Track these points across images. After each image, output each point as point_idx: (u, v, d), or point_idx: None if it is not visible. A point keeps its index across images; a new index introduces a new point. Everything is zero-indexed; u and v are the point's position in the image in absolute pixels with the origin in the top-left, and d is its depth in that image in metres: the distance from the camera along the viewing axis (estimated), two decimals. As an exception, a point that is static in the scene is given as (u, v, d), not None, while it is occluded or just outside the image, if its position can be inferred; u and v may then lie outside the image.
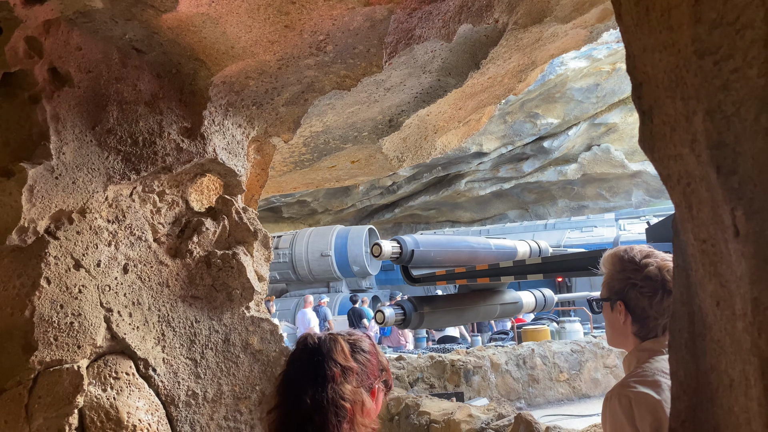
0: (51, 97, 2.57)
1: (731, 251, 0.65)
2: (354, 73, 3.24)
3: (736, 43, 0.63)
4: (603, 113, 21.22)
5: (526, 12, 3.86)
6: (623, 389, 1.72)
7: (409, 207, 24.87)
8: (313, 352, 1.50)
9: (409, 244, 6.50)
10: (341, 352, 1.49)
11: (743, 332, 0.64)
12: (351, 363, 1.49)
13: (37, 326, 2.45)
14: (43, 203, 2.50)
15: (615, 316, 1.86)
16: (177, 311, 2.86)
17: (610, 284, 1.88)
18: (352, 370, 1.48)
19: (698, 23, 0.66)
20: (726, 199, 0.64)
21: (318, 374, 1.45)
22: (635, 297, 1.81)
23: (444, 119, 5.25)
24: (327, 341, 1.52)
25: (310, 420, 1.41)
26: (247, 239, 3.15)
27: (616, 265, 1.88)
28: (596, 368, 10.66)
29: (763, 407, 0.62)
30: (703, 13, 0.65)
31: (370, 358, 1.56)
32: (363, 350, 1.56)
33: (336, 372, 1.45)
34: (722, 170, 0.64)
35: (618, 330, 1.87)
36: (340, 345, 1.51)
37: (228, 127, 3.13)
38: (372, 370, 1.55)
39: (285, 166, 5.33)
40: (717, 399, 0.73)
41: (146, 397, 2.67)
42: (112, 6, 2.54)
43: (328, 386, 1.43)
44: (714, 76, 0.65)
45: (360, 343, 1.57)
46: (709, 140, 0.65)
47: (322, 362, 1.46)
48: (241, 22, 2.68)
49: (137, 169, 2.77)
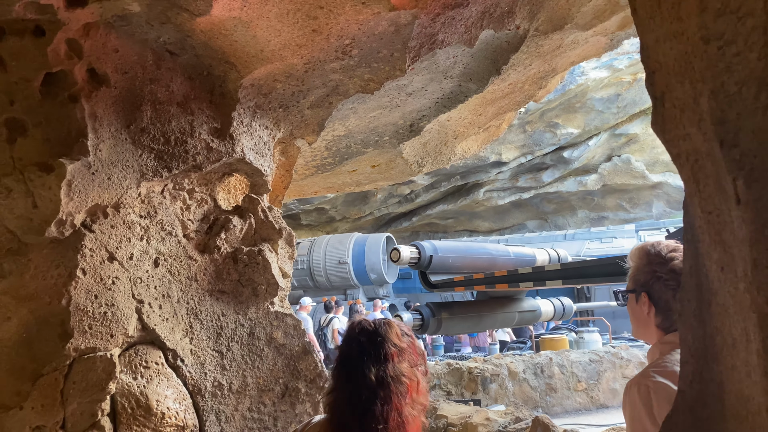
0: (89, 97, 2.69)
1: (733, 218, 0.72)
2: (378, 77, 3.33)
3: (738, 29, 0.70)
4: (624, 124, 21.11)
5: (547, 19, 3.93)
6: (643, 379, 1.77)
7: (427, 216, 24.88)
8: (373, 334, 1.61)
9: (428, 249, 6.56)
10: (396, 334, 1.61)
11: (744, 292, 0.70)
12: (404, 344, 1.60)
13: (73, 315, 2.57)
14: (80, 198, 2.62)
15: (639, 308, 1.91)
16: (204, 305, 2.96)
17: (636, 277, 1.93)
18: (405, 351, 1.59)
19: (704, 12, 0.73)
20: (728, 170, 0.71)
21: (379, 353, 1.56)
22: (659, 289, 1.86)
23: (464, 125, 5.31)
24: (383, 324, 1.64)
25: (376, 395, 1.51)
26: (272, 237, 3.25)
27: (642, 258, 1.93)
28: (615, 378, 10.59)
29: (761, 358, 0.68)
30: (709, 3, 0.72)
31: (414, 342, 1.67)
32: (407, 334, 1.67)
33: (394, 351, 1.57)
34: (725, 144, 0.71)
35: (642, 321, 1.92)
36: (394, 328, 1.63)
37: (255, 129, 3.24)
38: (416, 354, 1.66)
39: (307, 170, 5.43)
40: (721, 358, 0.79)
41: (174, 387, 2.76)
42: (149, 9, 2.66)
43: (388, 364, 1.54)
44: (718, 60, 0.72)
45: (403, 328, 1.68)
46: (713, 117, 0.72)
47: (382, 342, 1.58)
48: (271, 26, 2.78)
49: (169, 167, 2.88)
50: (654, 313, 1.88)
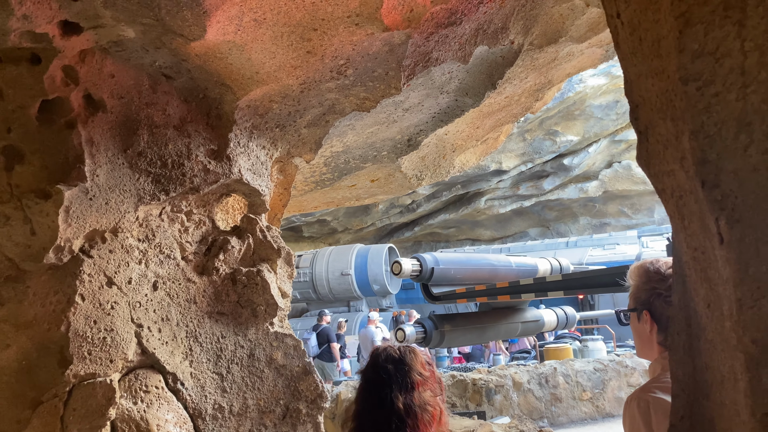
0: (86, 123, 2.70)
1: (718, 257, 0.72)
2: (373, 96, 3.35)
3: (716, 70, 0.70)
4: (623, 130, 21.14)
5: (541, 33, 3.95)
6: (643, 393, 1.77)
7: (429, 225, 24.90)
8: (399, 362, 1.61)
9: (429, 262, 6.55)
10: (421, 363, 1.62)
11: (730, 331, 0.71)
12: (428, 373, 1.62)
13: (72, 341, 2.57)
14: (78, 223, 2.63)
15: (642, 326, 1.91)
16: (204, 327, 2.96)
17: (637, 295, 1.93)
18: (429, 380, 1.61)
19: (682, 52, 0.73)
20: (711, 210, 0.71)
21: (406, 381, 1.57)
22: (660, 306, 1.86)
23: (462, 138, 5.33)
24: (408, 352, 1.64)
25: (404, 423, 1.52)
26: (271, 257, 3.25)
27: (642, 276, 1.93)
28: (620, 387, 10.54)
29: (748, 398, 0.68)
30: (687, 44, 0.73)
31: (434, 371, 1.68)
32: (429, 363, 1.68)
33: (419, 380, 1.58)
34: (707, 184, 0.71)
35: (644, 340, 1.91)
36: (419, 357, 1.63)
37: (252, 149, 3.25)
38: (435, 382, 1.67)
39: (306, 186, 5.44)
40: (711, 394, 0.79)
41: (175, 410, 2.76)
42: (144, 35, 2.68)
43: (414, 393, 1.55)
44: (697, 100, 0.72)
45: (426, 357, 1.69)
46: (694, 157, 0.73)
47: (408, 371, 1.58)
48: (266, 48, 2.80)
49: (166, 190, 2.89)
50: (656, 331, 1.88)
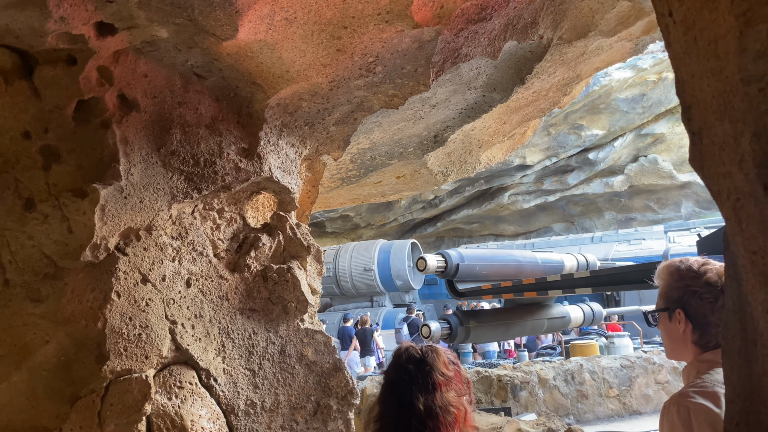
0: (120, 122, 2.74)
1: (780, 262, 0.71)
2: (402, 92, 3.34)
3: (779, 71, 0.69)
4: (649, 123, 20.82)
5: (571, 27, 3.91)
6: (682, 399, 1.72)
7: (452, 221, 24.81)
8: (420, 362, 1.59)
9: (454, 258, 6.52)
10: (444, 363, 1.59)
11: (793, 338, 0.69)
12: (451, 373, 1.59)
13: (109, 337, 2.61)
14: (114, 221, 2.67)
15: (674, 326, 1.86)
16: (236, 323, 2.99)
17: (668, 294, 1.87)
18: (452, 380, 1.58)
19: (744, 53, 0.72)
20: (774, 214, 0.70)
21: (428, 382, 1.54)
22: (696, 304, 1.81)
23: (488, 134, 5.30)
24: (430, 352, 1.62)
25: (425, 425, 1.50)
26: (301, 254, 3.27)
27: (673, 274, 1.88)
28: (647, 384, 10.41)
29: (813, 407, 0.66)
30: (748, 44, 0.71)
31: (459, 370, 1.65)
32: (453, 362, 1.65)
33: (441, 381, 1.55)
34: (769, 187, 0.70)
35: (677, 340, 1.86)
36: (442, 356, 1.61)
37: (282, 147, 3.27)
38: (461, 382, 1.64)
39: (332, 183, 5.46)
40: (770, 402, 0.78)
41: (208, 406, 2.79)
42: (176, 35, 2.71)
43: (436, 394, 1.52)
44: (760, 102, 0.71)
45: (450, 356, 1.67)
46: (756, 160, 0.71)
47: (430, 371, 1.56)
48: (296, 47, 2.81)
49: (199, 188, 2.92)
50: (690, 330, 1.83)
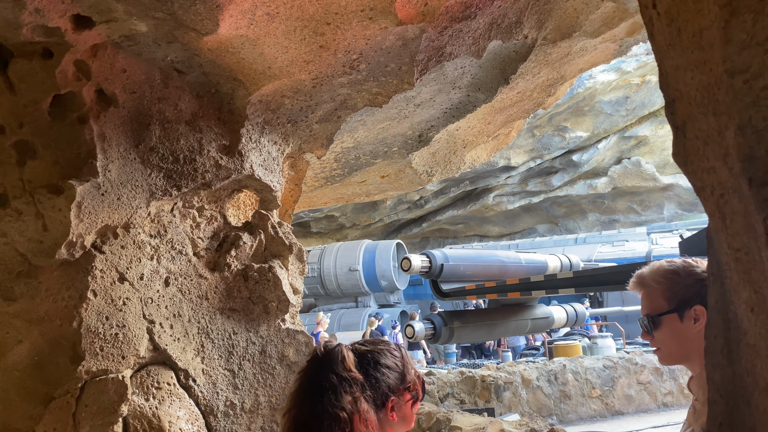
0: (98, 118, 2.69)
1: (764, 259, 0.69)
2: (386, 91, 3.31)
3: (765, 62, 0.67)
4: (633, 126, 21.00)
5: (555, 27, 3.90)
6: None
7: (437, 221, 24.84)
8: (317, 363, 1.54)
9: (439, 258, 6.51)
10: (342, 362, 1.52)
11: (777, 336, 0.67)
12: (353, 374, 1.51)
13: (84, 337, 2.55)
14: (90, 219, 2.61)
15: (685, 326, 1.73)
16: (216, 323, 2.94)
17: (678, 293, 1.74)
18: (353, 381, 1.50)
19: (729, 43, 0.70)
20: (758, 209, 0.68)
21: (318, 385, 1.49)
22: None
23: (473, 134, 5.29)
24: (333, 353, 1.54)
25: (309, 427, 1.46)
26: (283, 253, 3.23)
27: (679, 271, 1.75)
28: (629, 384, 10.48)
29: (797, 407, 0.65)
30: (733, 34, 0.69)
31: (386, 372, 1.56)
32: (378, 363, 1.56)
33: (334, 382, 1.48)
34: (755, 182, 0.68)
35: (690, 340, 1.71)
36: (342, 356, 1.53)
37: (264, 144, 3.23)
38: (388, 384, 1.55)
39: (316, 182, 5.42)
40: (753, 402, 0.76)
41: (186, 407, 2.74)
42: (156, 30, 2.66)
43: (325, 397, 1.46)
44: (745, 94, 0.69)
45: (376, 356, 1.58)
46: (740, 154, 0.69)
47: (323, 374, 1.50)
48: (278, 43, 2.77)
49: (178, 185, 2.87)
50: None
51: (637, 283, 1.83)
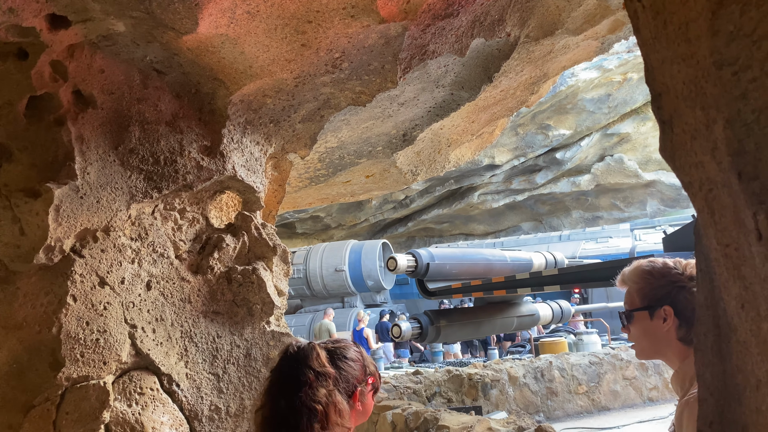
0: (75, 119, 2.63)
1: (755, 254, 0.67)
2: (369, 89, 3.29)
3: (753, 54, 0.66)
4: (615, 123, 21.16)
5: (538, 25, 3.90)
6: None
7: (423, 221, 24.86)
8: (291, 360, 1.63)
9: (425, 257, 6.51)
10: (316, 358, 1.62)
11: (769, 333, 0.66)
12: (327, 369, 1.61)
13: (64, 343, 2.50)
14: (69, 222, 2.56)
15: (655, 324, 1.81)
16: (199, 327, 2.90)
17: (650, 293, 1.83)
18: (327, 375, 1.60)
19: (716, 36, 0.68)
20: (748, 203, 0.66)
21: (293, 380, 1.58)
22: (684, 299, 1.75)
23: (457, 132, 5.28)
24: (305, 349, 1.65)
25: (286, 422, 1.54)
26: (267, 254, 3.19)
27: (653, 272, 1.84)
28: (615, 380, 10.55)
29: (790, 405, 0.63)
30: (721, 26, 0.68)
31: (352, 365, 1.68)
32: (345, 357, 1.68)
33: (310, 377, 1.58)
34: (744, 176, 0.67)
35: (659, 337, 1.81)
36: (316, 352, 1.64)
37: (246, 145, 3.19)
38: (355, 375, 1.67)
39: (300, 182, 5.38)
40: (744, 400, 0.75)
41: (170, 413, 2.70)
42: (134, 29, 2.61)
43: (302, 391, 1.56)
44: (733, 86, 0.67)
45: (343, 351, 1.70)
46: (729, 148, 0.68)
47: (298, 369, 1.60)
48: (259, 42, 2.74)
49: (159, 187, 2.83)
50: (677, 326, 1.79)
51: (621, 280, 1.95)
